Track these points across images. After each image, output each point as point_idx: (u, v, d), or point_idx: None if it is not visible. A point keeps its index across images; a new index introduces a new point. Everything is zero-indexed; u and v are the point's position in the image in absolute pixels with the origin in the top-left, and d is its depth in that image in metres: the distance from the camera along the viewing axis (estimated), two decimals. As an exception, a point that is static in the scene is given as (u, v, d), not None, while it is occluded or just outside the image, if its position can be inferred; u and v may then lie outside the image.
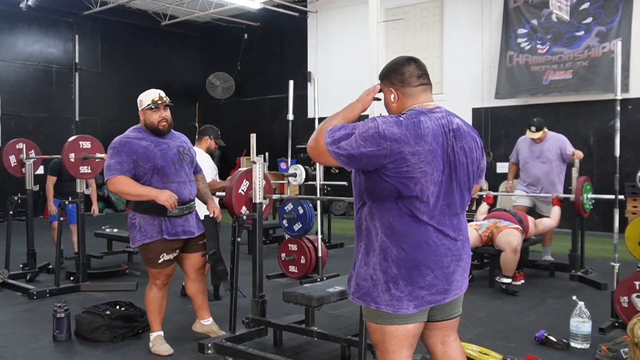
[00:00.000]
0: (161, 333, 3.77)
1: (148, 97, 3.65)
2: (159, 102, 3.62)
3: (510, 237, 5.22)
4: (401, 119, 2.03)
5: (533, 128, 6.13)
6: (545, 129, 6.17)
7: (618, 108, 4.16)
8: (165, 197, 3.44)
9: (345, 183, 8.93)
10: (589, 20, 9.13)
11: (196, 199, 3.86)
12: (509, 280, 5.22)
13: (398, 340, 2.11)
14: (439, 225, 2.06)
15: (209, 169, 4.91)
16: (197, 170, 3.93)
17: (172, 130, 3.77)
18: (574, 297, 3.90)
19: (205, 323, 3.95)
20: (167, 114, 3.66)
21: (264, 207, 3.97)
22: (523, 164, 6.38)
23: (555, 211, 5.83)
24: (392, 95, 2.16)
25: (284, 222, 6.05)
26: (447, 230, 2.08)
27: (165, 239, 3.56)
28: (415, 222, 2.04)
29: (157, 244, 3.56)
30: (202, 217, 3.83)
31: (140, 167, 3.52)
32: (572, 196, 5.66)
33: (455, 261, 2.11)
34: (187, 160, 3.73)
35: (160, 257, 3.59)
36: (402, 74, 2.14)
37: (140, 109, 3.67)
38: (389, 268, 2.05)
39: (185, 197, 3.65)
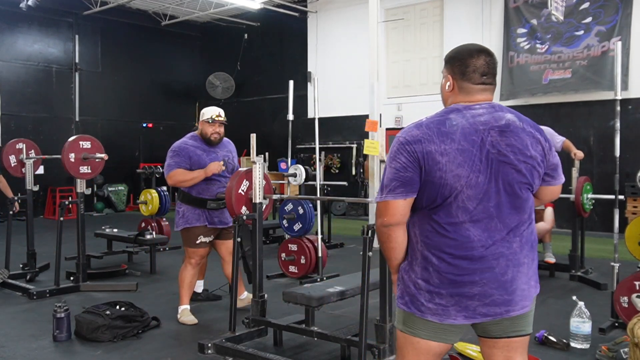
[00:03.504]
0: (188, 306, 4.36)
1: (209, 112, 4.36)
2: (217, 119, 4.31)
3: None
4: (422, 120, 1.92)
5: None
6: None
7: (618, 108, 4.16)
8: (211, 169, 4.20)
9: (345, 183, 8.93)
10: (589, 19, 9.13)
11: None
12: None
13: (416, 354, 1.99)
14: (484, 232, 1.88)
15: None
16: None
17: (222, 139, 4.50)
18: (574, 297, 3.90)
19: (242, 297, 4.61)
20: (221, 129, 4.38)
21: (264, 207, 3.98)
22: None
23: (548, 212, 5.79)
24: (448, 84, 1.98)
25: (284, 222, 6.05)
26: (495, 234, 1.89)
27: (205, 225, 4.31)
28: (455, 228, 1.88)
29: (197, 229, 4.31)
30: None
31: (193, 169, 4.28)
32: (572, 196, 5.65)
33: (513, 266, 1.89)
34: (229, 168, 4.42)
35: (198, 238, 4.32)
36: (466, 65, 1.94)
37: (200, 119, 4.38)
38: (431, 277, 1.91)
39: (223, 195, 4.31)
